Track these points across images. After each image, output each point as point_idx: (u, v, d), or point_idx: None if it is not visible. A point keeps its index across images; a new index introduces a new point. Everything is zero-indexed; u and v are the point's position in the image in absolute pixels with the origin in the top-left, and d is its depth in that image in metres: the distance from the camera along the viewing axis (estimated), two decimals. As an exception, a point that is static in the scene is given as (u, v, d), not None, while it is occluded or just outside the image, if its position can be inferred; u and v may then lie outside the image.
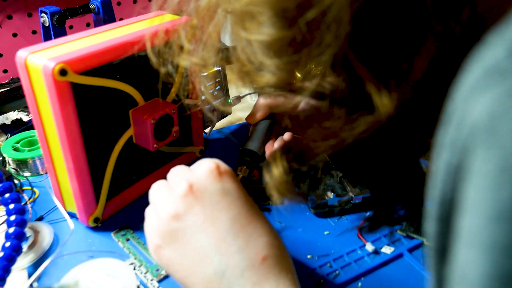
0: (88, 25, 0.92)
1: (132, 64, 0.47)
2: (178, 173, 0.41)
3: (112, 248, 0.47)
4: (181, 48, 0.38)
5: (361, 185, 0.53)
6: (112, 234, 0.49)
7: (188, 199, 0.37)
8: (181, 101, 0.55)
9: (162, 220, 0.37)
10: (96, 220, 0.49)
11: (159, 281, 0.44)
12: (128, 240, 0.48)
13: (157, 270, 0.44)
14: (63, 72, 0.39)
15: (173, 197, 0.38)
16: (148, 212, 0.39)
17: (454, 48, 0.27)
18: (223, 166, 0.40)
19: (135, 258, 0.46)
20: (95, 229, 0.50)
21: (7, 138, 0.64)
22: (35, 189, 0.55)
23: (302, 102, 0.56)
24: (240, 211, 0.37)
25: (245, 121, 0.61)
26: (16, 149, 0.59)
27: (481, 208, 0.17)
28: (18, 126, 0.67)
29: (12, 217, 0.45)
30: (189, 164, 0.60)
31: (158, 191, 0.40)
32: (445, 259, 0.20)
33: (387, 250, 0.48)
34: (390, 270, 0.46)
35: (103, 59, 0.43)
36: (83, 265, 0.44)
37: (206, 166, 0.39)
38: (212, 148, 0.66)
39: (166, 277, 0.44)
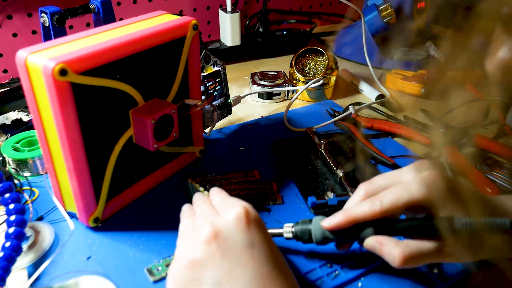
0: (88, 25, 0.92)
1: (132, 64, 0.47)
2: (206, 213, 0.40)
3: (112, 249, 0.47)
4: None
5: None
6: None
7: (210, 248, 0.36)
8: (181, 101, 0.55)
9: (180, 268, 0.37)
10: (96, 220, 0.49)
11: None
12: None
13: None
14: (63, 72, 0.39)
15: (196, 242, 0.37)
16: (175, 255, 0.39)
17: None
18: (253, 213, 0.39)
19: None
20: (95, 229, 0.50)
21: (7, 138, 0.64)
22: (35, 189, 0.55)
23: None
24: (261, 268, 0.35)
25: (245, 121, 0.61)
26: (16, 149, 0.59)
27: None
28: (18, 126, 0.67)
29: (12, 217, 0.45)
30: (188, 164, 0.61)
31: (184, 231, 0.40)
32: None
33: (387, 250, 0.48)
34: (390, 270, 0.45)
35: (103, 59, 0.43)
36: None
37: (235, 213, 0.38)
38: (212, 148, 0.66)
39: None
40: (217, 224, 0.37)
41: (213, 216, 0.39)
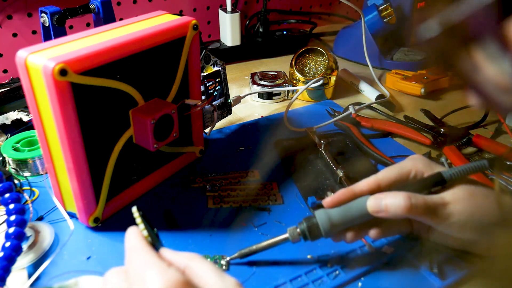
0: (88, 25, 0.92)
1: (132, 64, 0.47)
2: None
3: (112, 249, 0.47)
4: None
5: None
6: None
7: None
8: (181, 101, 0.55)
9: None
10: (96, 220, 0.49)
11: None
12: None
13: None
14: (63, 72, 0.39)
15: None
16: None
17: None
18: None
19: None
20: (95, 229, 0.50)
21: (7, 138, 0.64)
22: (35, 189, 0.55)
23: None
24: None
25: (245, 121, 0.60)
26: (16, 149, 0.59)
27: None
28: (18, 126, 0.67)
29: (12, 217, 0.45)
30: (188, 164, 0.61)
31: None
32: None
33: (387, 250, 0.48)
34: (390, 270, 0.46)
35: (103, 59, 0.43)
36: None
37: None
38: (212, 148, 0.66)
39: None
40: None
41: None
